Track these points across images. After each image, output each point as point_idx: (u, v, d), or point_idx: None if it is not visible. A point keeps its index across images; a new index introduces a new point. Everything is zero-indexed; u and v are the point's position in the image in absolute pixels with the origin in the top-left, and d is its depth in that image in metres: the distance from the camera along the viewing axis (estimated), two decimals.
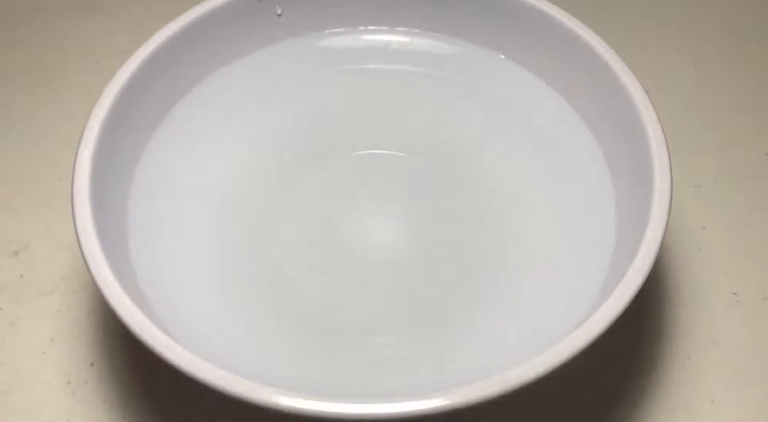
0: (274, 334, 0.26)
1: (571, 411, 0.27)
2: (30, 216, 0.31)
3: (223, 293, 0.27)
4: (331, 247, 0.28)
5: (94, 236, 0.24)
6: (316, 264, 0.28)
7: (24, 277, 0.30)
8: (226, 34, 0.30)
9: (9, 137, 0.34)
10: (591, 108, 0.29)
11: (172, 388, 0.27)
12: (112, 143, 0.26)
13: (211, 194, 0.29)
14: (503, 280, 0.27)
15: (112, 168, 0.26)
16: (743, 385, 0.28)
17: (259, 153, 0.30)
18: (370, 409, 0.21)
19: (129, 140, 0.28)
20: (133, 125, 0.28)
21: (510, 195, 0.29)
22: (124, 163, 0.27)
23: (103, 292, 0.23)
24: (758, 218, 0.31)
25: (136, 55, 0.28)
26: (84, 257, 0.23)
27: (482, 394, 0.21)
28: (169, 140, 0.29)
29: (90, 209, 0.24)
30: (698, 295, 0.30)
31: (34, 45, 0.37)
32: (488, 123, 0.30)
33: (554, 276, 0.27)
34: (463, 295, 0.27)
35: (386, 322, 0.27)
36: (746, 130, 0.34)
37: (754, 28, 0.38)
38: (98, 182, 0.25)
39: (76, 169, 0.25)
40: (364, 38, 0.32)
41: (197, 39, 0.29)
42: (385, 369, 0.25)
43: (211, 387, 0.21)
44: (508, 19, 0.30)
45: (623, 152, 0.27)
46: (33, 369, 0.28)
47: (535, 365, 0.21)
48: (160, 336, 0.22)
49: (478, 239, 0.28)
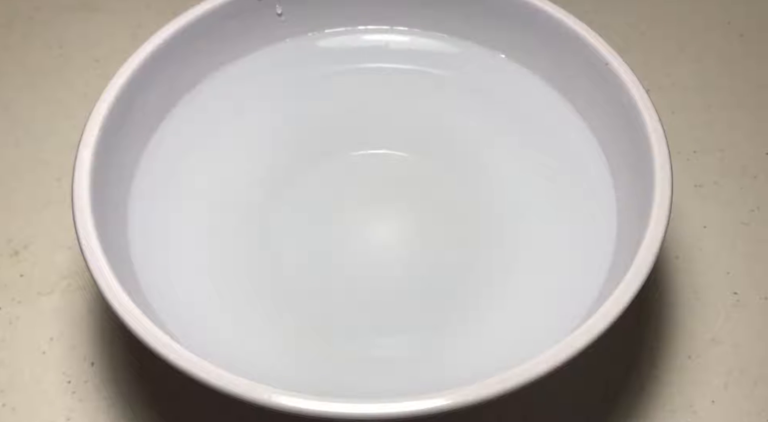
0: (274, 334, 0.26)
1: (571, 411, 0.27)
2: (30, 216, 0.31)
3: (223, 293, 0.27)
4: (331, 247, 0.28)
5: (94, 236, 0.24)
6: (317, 264, 0.28)
7: (24, 277, 0.30)
8: (226, 34, 0.30)
9: (9, 137, 0.34)
10: (591, 107, 0.29)
11: (172, 388, 0.27)
12: (112, 143, 0.26)
13: (211, 193, 0.29)
14: (503, 280, 0.27)
15: (112, 168, 0.26)
16: (743, 385, 0.28)
17: (259, 153, 0.30)
18: (370, 409, 0.21)
19: (129, 139, 0.28)
20: (133, 125, 0.28)
21: (510, 195, 0.29)
22: (125, 163, 0.27)
23: (103, 292, 0.23)
24: (758, 218, 0.31)
25: (136, 54, 0.28)
26: (84, 257, 0.23)
27: (483, 394, 0.21)
28: (169, 140, 0.29)
29: (90, 209, 0.24)
30: (698, 295, 0.30)
31: (34, 45, 0.37)
32: (488, 122, 0.30)
33: (554, 276, 0.27)
34: (462, 295, 0.27)
35: (386, 322, 0.27)
36: (747, 130, 0.34)
37: (754, 27, 0.38)
38: (98, 182, 0.25)
39: (76, 169, 0.25)
40: (364, 38, 0.32)
41: (197, 39, 0.29)
42: (385, 368, 0.25)
43: (211, 386, 0.21)
44: (508, 19, 0.30)
45: (623, 151, 0.27)
46: (33, 369, 0.28)
47: (535, 365, 0.21)
48: (160, 335, 0.22)
49: (478, 239, 0.28)
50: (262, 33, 0.31)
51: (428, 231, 0.29)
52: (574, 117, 0.29)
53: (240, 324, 0.26)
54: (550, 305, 0.26)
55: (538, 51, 0.30)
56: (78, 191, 0.24)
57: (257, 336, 0.26)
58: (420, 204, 0.29)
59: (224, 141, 0.30)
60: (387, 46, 0.32)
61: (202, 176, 0.29)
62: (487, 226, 0.28)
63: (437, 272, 0.28)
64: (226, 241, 0.28)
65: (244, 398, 0.21)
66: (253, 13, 0.30)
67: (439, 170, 0.30)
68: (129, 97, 0.27)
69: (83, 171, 0.25)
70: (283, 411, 0.21)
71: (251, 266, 0.27)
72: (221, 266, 0.27)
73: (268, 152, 0.30)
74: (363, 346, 0.26)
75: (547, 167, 0.29)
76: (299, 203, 0.29)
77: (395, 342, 0.26)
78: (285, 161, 0.30)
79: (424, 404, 0.21)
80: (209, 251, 0.27)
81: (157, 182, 0.28)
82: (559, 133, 0.29)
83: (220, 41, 0.30)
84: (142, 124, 0.28)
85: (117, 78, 0.27)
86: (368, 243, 0.28)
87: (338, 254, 0.28)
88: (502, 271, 0.27)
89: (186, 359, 0.21)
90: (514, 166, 0.29)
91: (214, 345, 0.25)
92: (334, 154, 0.30)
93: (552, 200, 0.28)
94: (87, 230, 0.24)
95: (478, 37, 0.31)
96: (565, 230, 0.28)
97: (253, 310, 0.26)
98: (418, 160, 0.30)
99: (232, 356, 0.24)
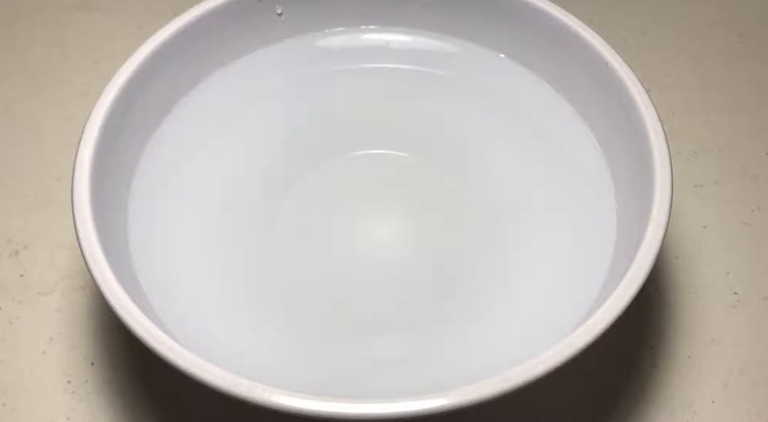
0: (274, 334, 0.26)
1: (571, 411, 0.27)
2: (30, 216, 0.31)
3: (223, 292, 0.27)
4: (331, 247, 0.28)
5: (94, 236, 0.24)
6: (317, 264, 0.28)
7: (24, 277, 0.30)
8: (226, 34, 0.30)
9: (9, 137, 0.34)
10: (591, 107, 0.29)
11: (172, 388, 0.27)
12: (112, 143, 0.26)
13: (211, 193, 0.29)
14: (503, 280, 0.27)
15: (112, 168, 0.26)
16: (743, 385, 0.28)
17: (259, 153, 0.30)
18: (370, 409, 0.21)
19: (129, 139, 0.28)
20: (133, 125, 0.28)
21: (509, 195, 0.29)
22: (125, 163, 0.27)
23: (103, 292, 0.23)
24: (758, 218, 0.31)
25: (136, 55, 0.28)
26: (84, 257, 0.23)
27: (483, 394, 0.21)
28: (168, 139, 0.29)
29: (90, 209, 0.24)
30: (698, 295, 0.30)
31: (34, 45, 0.37)
32: (488, 122, 0.30)
33: (554, 276, 0.27)
34: (463, 295, 0.27)
35: (386, 322, 0.27)
36: (747, 129, 0.34)
37: (754, 27, 0.38)
38: (98, 182, 0.25)
39: (76, 169, 0.25)
40: (364, 38, 0.32)
41: (197, 39, 0.29)
42: (385, 368, 0.25)
43: (211, 387, 0.21)
44: (509, 19, 0.30)
45: (624, 151, 0.27)
46: (33, 369, 0.28)
47: (535, 365, 0.21)
48: (160, 335, 0.22)
49: (478, 239, 0.28)
50: (262, 33, 0.31)
51: (428, 231, 0.29)
52: (574, 117, 0.29)
53: (240, 324, 0.26)
54: (550, 305, 0.26)
55: (538, 51, 0.30)
56: (78, 191, 0.24)
57: (257, 336, 0.26)
58: (420, 204, 0.29)
59: (224, 141, 0.30)
60: (387, 46, 0.32)
61: (202, 176, 0.29)
62: (487, 225, 0.28)
63: (437, 272, 0.28)
64: (226, 241, 0.28)
65: (244, 398, 0.21)
66: (253, 13, 0.30)
67: (439, 170, 0.30)
68: (129, 98, 0.27)
69: (83, 171, 0.25)
70: (283, 411, 0.21)
71: (251, 266, 0.27)
72: (221, 266, 0.27)
73: (268, 151, 0.30)
74: (363, 346, 0.26)
75: (547, 167, 0.29)
76: (299, 203, 0.29)
77: (395, 341, 0.26)
78: (285, 161, 0.30)
79: (424, 404, 0.21)
80: (209, 251, 0.27)
81: (157, 182, 0.28)
82: (559, 133, 0.29)
83: (220, 41, 0.30)
84: (142, 124, 0.28)
85: (117, 78, 0.27)
86: (368, 243, 0.28)
87: (338, 254, 0.28)
88: (502, 271, 0.27)
89: (186, 359, 0.21)
90: (514, 166, 0.29)
91: (215, 344, 0.25)
92: (334, 154, 0.30)
93: (552, 200, 0.28)
94: (87, 230, 0.24)
95: (478, 37, 0.31)
96: (565, 230, 0.28)
97: (252, 310, 0.26)
98: (418, 160, 0.30)
99: (232, 356, 0.24)
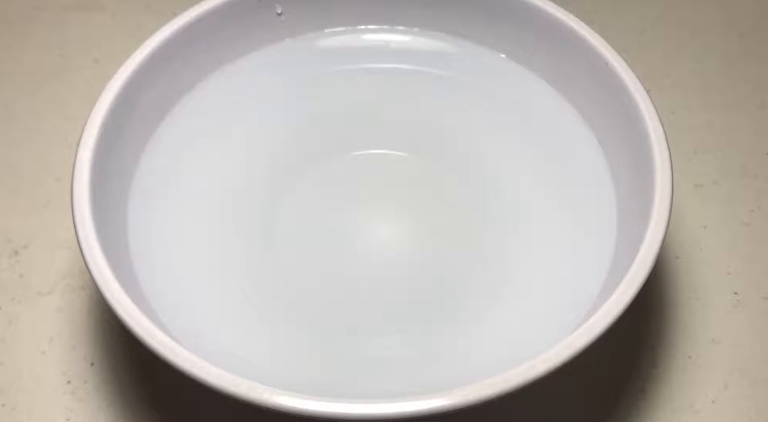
0: (274, 334, 0.26)
1: (571, 411, 0.27)
2: (30, 216, 0.31)
3: (222, 292, 0.27)
4: (331, 247, 0.28)
5: (94, 236, 0.24)
6: (317, 264, 0.28)
7: (24, 277, 0.30)
8: (226, 34, 0.30)
9: (9, 137, 0.34)
10: (591, 107, 0.29)
11: (172, 388, 0.27)
12: (111, 143, 0.26)
13: (211, 193, 0.29)
14: (503, 280, 0.27)
15: (112, 168, 0.26)
16: (743, 385, 0.28)
17: (259, 153, 0.30)
18: (370, 409, 0.21)
19: (129, 139, 0.28)
20: (133, 125, 0.28)
21: (509, 195, 0.29)
22: (124, 163, 0.27)
23: (103, 292, 0.23)
24: (759, 218, 0.31)
25: (136, 54, 0.28)
26: (84, 257, 0.23)
27: (483, 394, 0.21)
28: (168, 139, 0.29)
29: (90, 209, 0.24)
30: (698, 295, 0.30)
31: (34, 45, 0.37)
32: (488, 122, 0.30)
33: (554, 276, 0.27)
34: (462, 295, 0.27)
35: (386, 322, 0.27)
36: (747, 129, 0.34)
37: (755, 27, 0.38)
38: (98, 182, 0.25)
39: (76, 169, 0.25)
40: (364, 38, 0.32)
41: (197, 38, 0.29)
42: (385, 368, 0.25)
43: (211, 387, 0.21)
44: (509, 18, 0.30)
45: (624, 151, 0.27)
46: (33, 369, 0.28)
47: (535, 365, 0.21)
48: (160, 335, 0.22)
49: (478, 239, 0.28)
50: (262, 33, 0.31)
51: (428, 231, 0.29)
52: (574, 117, 0.29)
53: (240, 324, 0.26)
54: (550, 305, 0.26)
55: (538, 51, 0.30)
56: (78, 191, 0.24)
57: (257, 336, 0.26)
58: (420, 204, 0.29)
59: (224, 141, 0.30)
60: (387, 46, 0.32)
61: (202, 176, 0.29)
62: (487, 226, 0.28)
63: (437, 272, 0.28)
64: (226, 240, 0.28)
65: (244, 398, 0.21)
66: (252, 13, 0.30)
67: (439, 170, 0.30)
68: (129, 97, 0.27)
69: (83, 171, 0.25)
70: (283, 411, 0.21)
71: (251, 266, 0.27)
72: (221, 266, 0.27)
73: (268, 152, 0.30)
74: (363, 346, 0.26)
75: (547, 167, 0.29)
76: (299, 203, 0.29)
77: (395, 341, 0.26)
78: (285, 161, 0.30)
79: (424, 404, 0.21)
80: (209, 251, 0.27)
81: (157, 182, 0.28)
82: (559, 133, 0.29)
83: (220, 41, 0.30)
84: (142, 124, 0.28)
85: (117, 78, 0.27)
86: (368, 243, 0.28)
87: (338, 254, 0.28)
88: (502, 271, 0.27)
89: (186, 359, 0.21)
90: (514, 166, 0.29)
91: (214, 345, 0.25)
92: (334, 154, 0.30)
93: (552, 200, 0.28)
94: (87, 230, 0.24)
95: (478, 37, 0.31)
96: (565, 230, 0.28)
97: (253, 310, 0.26)
98: (418, 160, 0.30)
99: (232, 356, 0.24)
